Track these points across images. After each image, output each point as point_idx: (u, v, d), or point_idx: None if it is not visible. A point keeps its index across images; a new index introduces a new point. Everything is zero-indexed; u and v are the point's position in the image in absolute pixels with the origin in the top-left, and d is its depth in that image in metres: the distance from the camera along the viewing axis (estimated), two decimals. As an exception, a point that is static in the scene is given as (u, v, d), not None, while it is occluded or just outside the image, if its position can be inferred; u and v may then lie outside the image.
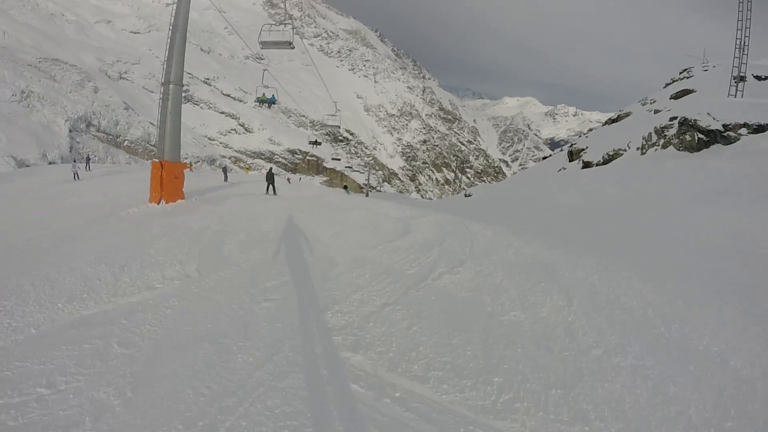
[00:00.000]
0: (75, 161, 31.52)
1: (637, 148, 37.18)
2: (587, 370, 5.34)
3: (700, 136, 31.22)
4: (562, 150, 70.57)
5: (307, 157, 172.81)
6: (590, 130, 75.35)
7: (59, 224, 11.32)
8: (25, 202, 15.82)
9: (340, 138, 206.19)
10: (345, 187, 66.85)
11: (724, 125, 30.73)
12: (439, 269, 9.01)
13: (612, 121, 59.31)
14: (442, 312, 6.89)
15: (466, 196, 51.59)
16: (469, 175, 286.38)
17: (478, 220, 15.64)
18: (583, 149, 49.02)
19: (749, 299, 8.31)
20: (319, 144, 48.29)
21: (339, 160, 76.44)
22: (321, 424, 4.01)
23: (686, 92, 47.34)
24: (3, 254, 8.50)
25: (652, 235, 16.31)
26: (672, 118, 34.51)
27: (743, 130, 29.89)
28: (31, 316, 5.77)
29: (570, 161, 50.90)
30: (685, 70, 57.79)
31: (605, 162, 40.25)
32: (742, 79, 37.84)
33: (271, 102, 28.62)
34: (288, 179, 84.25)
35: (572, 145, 55.65)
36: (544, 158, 77.84)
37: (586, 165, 42.58)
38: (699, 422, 4.44)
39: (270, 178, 24.79)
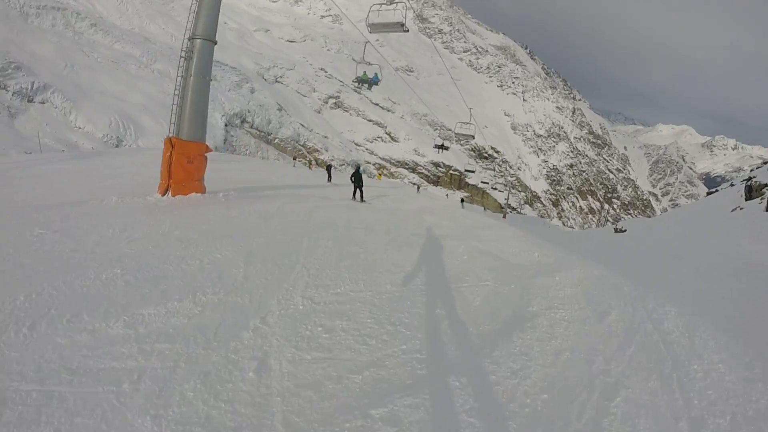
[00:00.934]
0: None
1: None
2: None
3: None
4: (732, 185, 58.44)
5: (450, 171, 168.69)
6: (765, 163, 63.21)
7: (31, 200, 10.13)
8: (82, 176, 15.71)
9: (485, 155, 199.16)
10: (462, 200, 61.69)
11: None
12: None
13: None
14: None
15: (617, 231, 43.29)
16: (615, 206, 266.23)
17: (669, 293, 8.99)
18: (766, 185, 39.29)
19: None
20: (446, 149, 44.50)
21: (473, 171, 71.02)
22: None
23: None
24: None
25: None
26: None
27: None
28: None
29: (747, 199, 40.44)
30: None
31: (801, 202, 30.53)
32: None
33: (373, 82, 23.88)
34: (418, 188, 78.82)
35: (750, 179, 44.66)
36: (709, 193, 66.03)
37: None
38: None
39: (357, 180, 19.73)
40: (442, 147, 42.73)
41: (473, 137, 33.39)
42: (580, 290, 7.84)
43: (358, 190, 19.55)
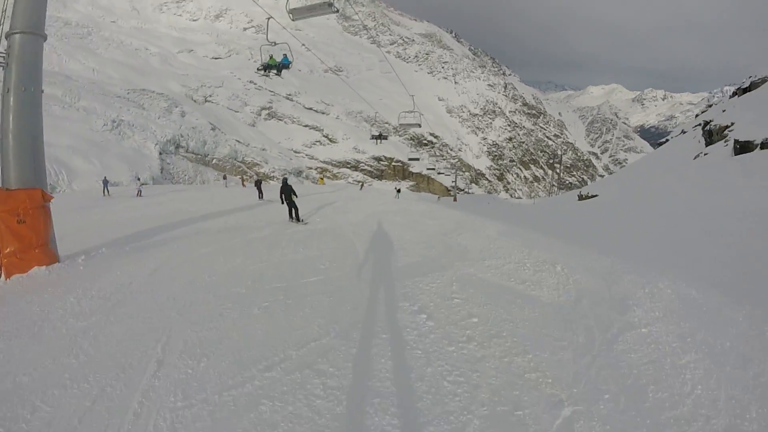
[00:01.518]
0: (138, 179, 37.78)
1: (836, 115, 27.04)
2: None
3: None
4: (683, 132, 60.10)
5: (393, 163, 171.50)
6: (710, 106, 65.24)
7: None
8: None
9: (425, 141, 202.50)
10: (398, 191, 60.00)
11: None
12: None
13: (743, 90, 48.50)
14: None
15: (584, 197, 40.28)
16: (558, 171, 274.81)
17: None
18: (727, 126, 38.16)
19: None
20: (385, 138, 41.25)
21: (418, 159, 69.43)
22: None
23: None
24: None
25: None
26: None
27: None
28: None
29: (708, 144, 40.33)
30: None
31: (776, 141, 28.92)
32: None
33: (284, 65, 19.92)
34: (361, 185, 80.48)
35: (709, 122, 43.82)
36: (659, 144, 68.02)
37: (744, 148, 31.45)
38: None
39: (287, 194, 16.27)
40: (379, 137, 40.29)
41: (419, 125, 31.26)
42: (708, 359, 5.15)
43: (293, 209, 16.22)
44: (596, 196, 37.96)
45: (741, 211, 16.39)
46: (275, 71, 19.82)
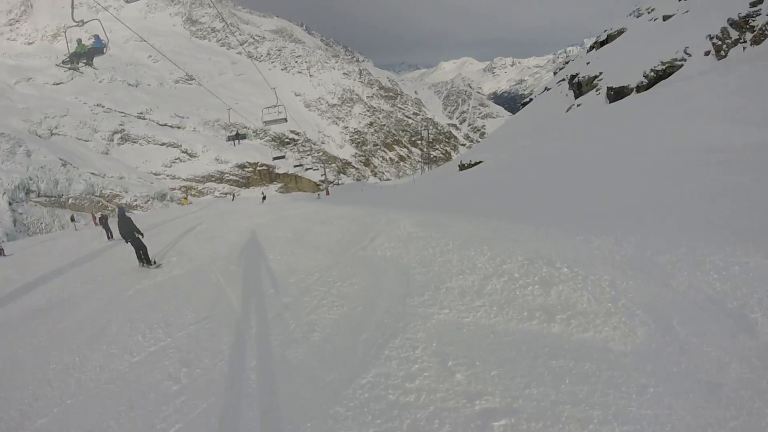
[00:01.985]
0: None
1: (706, 53, 28.65)
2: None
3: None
4: (547, 89, 61.88)
5: (258, 168, 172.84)
6: (566, 63, 69.16)
7: None
8: None
9: (287, 140, 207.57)
10: (264, 197, 61.40)
11: None
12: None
13: (601, 43, 51.10)
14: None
15: (466, 166, 36.48)
16: (421, 147, 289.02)
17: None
18: (596, 76, 38.77)
19: None
20: (243, 137, 35.27)
21: (283, 157, 67.40)
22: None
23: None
24: None
25: None
26: (754, 3, 27.22)
27: None
28: None
29: (578, 96, 41.47)
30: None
31: (651, 84, 29.84)
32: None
33: (97, 51, 14.98)
34: (233, 196, 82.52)
35: (576, 75, 43.78)
36: (524, 104, 68.08)
37: (618, 94, 31.77)
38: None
39: (127, 233, 12.61)
40: (236, 137, 33.93)
41: (285, 120, 27.71)
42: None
43: (141, 251, 12.59)
44: (480, 162, 33.41)
45: (674, 150, 14.98)
46: (85, 61, 15.10)
